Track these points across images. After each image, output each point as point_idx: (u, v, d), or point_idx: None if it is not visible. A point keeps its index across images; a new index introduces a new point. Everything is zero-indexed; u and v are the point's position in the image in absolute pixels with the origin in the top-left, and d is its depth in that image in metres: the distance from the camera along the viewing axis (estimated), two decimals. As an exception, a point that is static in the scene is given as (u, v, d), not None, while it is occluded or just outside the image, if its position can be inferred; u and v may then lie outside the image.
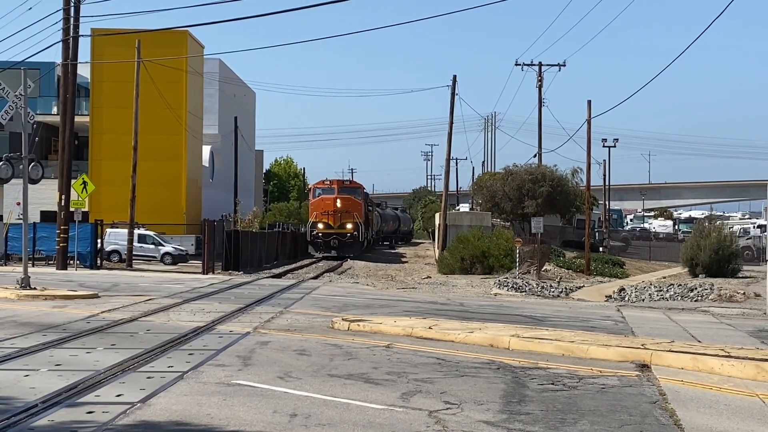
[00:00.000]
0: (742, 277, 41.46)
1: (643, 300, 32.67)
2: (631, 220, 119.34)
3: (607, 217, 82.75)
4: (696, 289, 33.60)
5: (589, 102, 53.68)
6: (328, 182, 62.09)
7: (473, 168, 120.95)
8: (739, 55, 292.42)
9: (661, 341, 16.04)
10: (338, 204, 58.49)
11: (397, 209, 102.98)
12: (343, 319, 19.06)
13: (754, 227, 77.74)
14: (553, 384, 12.40)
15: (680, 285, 35.86)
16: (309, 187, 74.23)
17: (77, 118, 45.79)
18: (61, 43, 39.64)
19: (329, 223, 58.30)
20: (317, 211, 59.04)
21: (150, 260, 48.23)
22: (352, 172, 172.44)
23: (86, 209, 45.61)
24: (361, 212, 60.06)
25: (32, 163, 27.25)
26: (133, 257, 45.19)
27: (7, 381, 11.97)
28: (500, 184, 64.46)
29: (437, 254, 60.35)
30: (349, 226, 58.36)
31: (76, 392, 11.22)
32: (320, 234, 58.48)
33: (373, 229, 69.13)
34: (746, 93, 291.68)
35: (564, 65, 71.21)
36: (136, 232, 46.97)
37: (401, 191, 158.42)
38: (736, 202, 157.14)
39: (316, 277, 42.90)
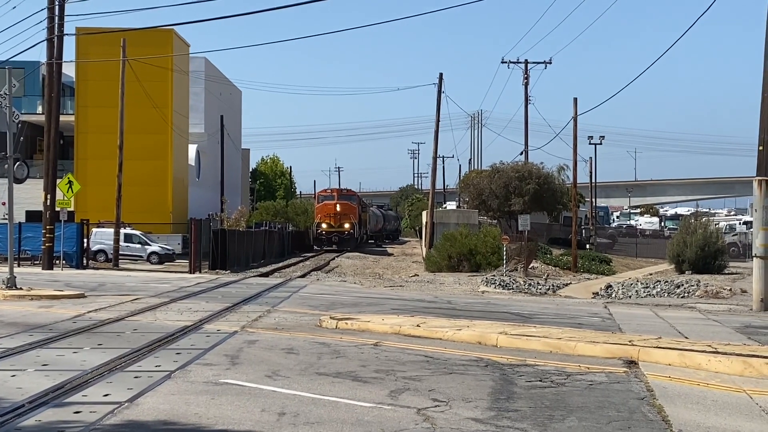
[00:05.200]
0: (729, 274, 41.60)
1: (630, 297, 32.74)
2: (617, 217, 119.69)
3: (593, 214, 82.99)
4: (682, 285, 33.67)
5: (575, 99, 53.95)
6: (330, 191, 77.46)
7: (460, 166, 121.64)
8: (724, 53, 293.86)
9: (648, 337, 16.08)
10: (338, 208, 70.35)
11: (383, 207, 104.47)
12: (330, 318, 19.04)
13: (739, 224, 78.13)
14: (541, 381, 12.41)
15: (667, 281, 35.92)
16: (314, 194, 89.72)
17: (62, 118, 45.63)
18: (45, 42, 39.50)
19: (331, 223, 70.37)
20: (321, 214, 71.43)
21: (136, 260, 48.09)
22: (339, 171, 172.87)
23: (72, 209, 45.44)
24: (356, 214, 71.85)
25: (17, 163, 27.12)
26: (120, 257, 45.06)
27: (-6, 381, 11.91)
28: (487, 181, 64.59)
29: (424, 252, 60.45)
30: (346, 225, 70.25)
31: (63, 392, 11.16)
32: (324, 232, 70.87)
33: (365, 228, 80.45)
34: (731, 90, 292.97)
35: (550, 63, 71.51)
36: (123, 231, 46.84)
37: (388, 189, 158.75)
38: (722, 198, 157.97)
39: (303, 276, 42.89)
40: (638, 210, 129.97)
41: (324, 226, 70.79)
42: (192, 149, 66.63)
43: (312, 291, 30.25)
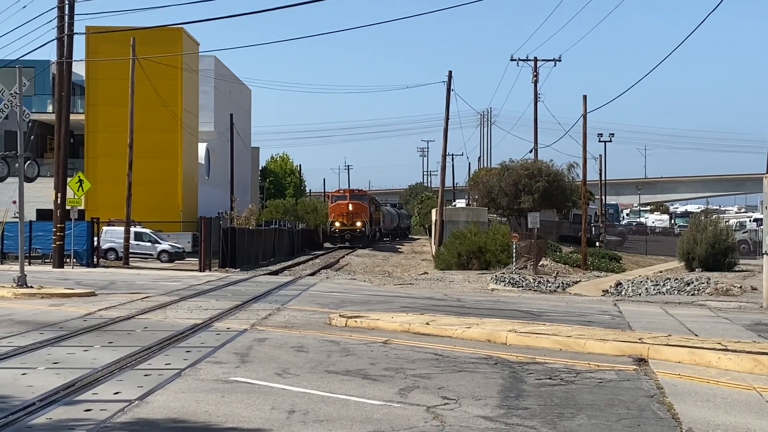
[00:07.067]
0: (739, 271, 41.45)
1: (640, 294, 32.67)
2: (627, 215, 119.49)
3: (603, 211, 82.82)
4: (692, 283, 33.58)
5: (585, 97, 53.69)
6: (342, 191, 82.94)
7: (469, 164, 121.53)
8: (734, 50, 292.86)
9: (658, 335, 16.06)
10: (350, 208, 74.33)
11: (396, 206, 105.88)
12: (340, 316, 19.06)
13: (750, 221, 77.70)
14: (550, 379, 12.41)
15: (677, 279, 35.82)
16: (328, 194, 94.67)
17: (73, 116, 45.76)
18: (56, 41, 39.59)
19: (344, 222, 74.38)
20: (334, 213, 75.45)
21: (146, 258, 48.19)
22: (348, 169, 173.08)
23: (82, 207, 45.60)
24: (367, 213, 75.88)
25: (28, 162, 27.20)
26: (130, 255, 45.15)
27: (5, 379, 11.96)
28: (496, 179, 64.49)
29: (434, 250, 60.44)
30: (358, 224, 74.21)
31: (73, 390, 11.20)
32: (337, 230, 75.02)
33: (378, 226, 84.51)
34: (742, 87, 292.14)
35: (560, 60, 71.28)
36: (133, 229, 46.93)
37: (398, 187, 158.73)
38: (733, 195, 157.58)
39: (312, 274, 42.92)
40: (648, 207, 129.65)
41: (337, 224, 74.87)
42: (202, 148, 66.74)
43: (322, 289, 30.27)
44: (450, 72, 61.37)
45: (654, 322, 20.13)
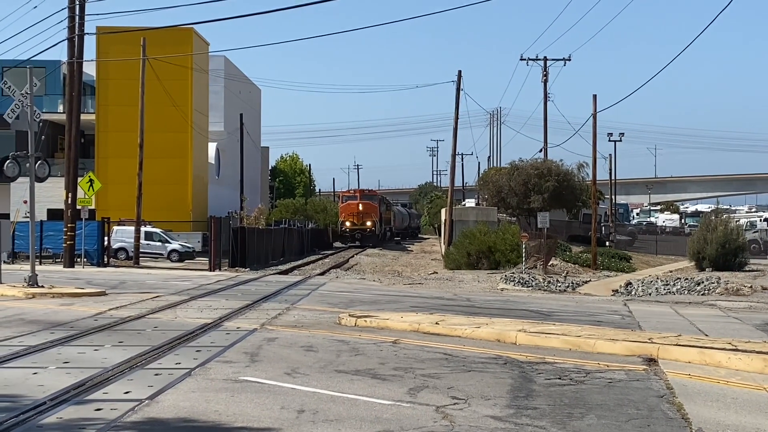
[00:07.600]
0: (749, 271, 41.36)
1: (650, 294, 32.61)
2: (637, 215, 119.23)
3: (613, 211, 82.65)
4: (703, 282, 33.50)
5: (595, 96, 53.62)
6: (353, 191, 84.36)
7: (479, 163, 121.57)
8: (744, 49, 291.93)
9: (668, 335, 16.03)
10: (360, 207, 75.06)
11: (406, 206, 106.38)
12: (350, 315, 19.08)
13: (760, 220, 77.51)
14: (560, 378, 12.40)
15: (687, 279, 35.73)
16: (338, 194, 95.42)
17: (83, 116, 45.88)
18: (66, 41, 39.68)
19: (354, 221, 75.20)
20: (345, 213, 76.16)
21: (157, 257, 48.28)
22: (358, 169, 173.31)
23: (93, 207, 45.72)
24: (377, 213, 76.67)
25: (39, 162, 27.30)
26: (140, 254, 45.25)
27: (16, 379, 12.02)
28: (506, 179, 64.44)
29: (443, 249, 60.44)
30: (368, 223, 75.03)
31: (84, 390, 11.24)
32: (348, 230, 75.83)
33: (389, 226, 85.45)
34: (752, 86, 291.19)
35: (569, 59, 71.06)
36: (143, 229, 47.03)
37: (407, 187, 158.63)
38: (743, 195, 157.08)
39: (322, 274, 42.95)
40: (658, 207, 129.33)
41: (348, 224, 75.73)
42: (212, 147, 66.86)
43: (331, 288, 30.30)
44: (459, 71, 61.33)
45: (664, 322, 20.10)
